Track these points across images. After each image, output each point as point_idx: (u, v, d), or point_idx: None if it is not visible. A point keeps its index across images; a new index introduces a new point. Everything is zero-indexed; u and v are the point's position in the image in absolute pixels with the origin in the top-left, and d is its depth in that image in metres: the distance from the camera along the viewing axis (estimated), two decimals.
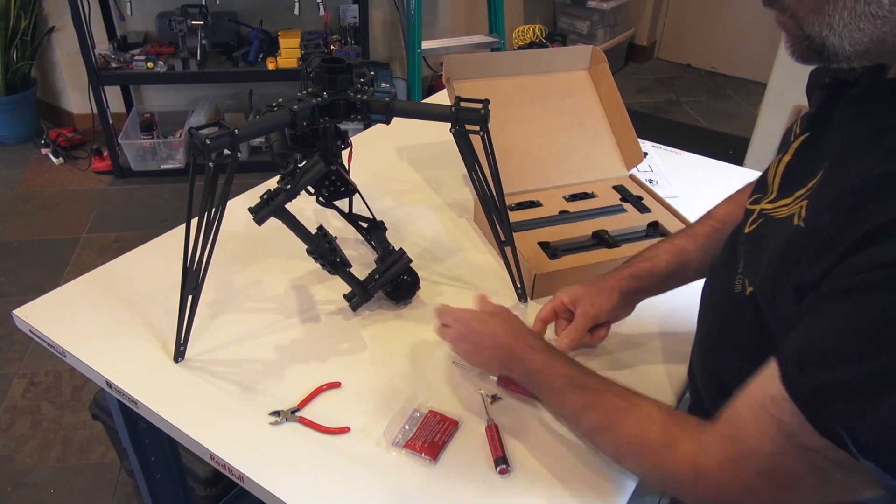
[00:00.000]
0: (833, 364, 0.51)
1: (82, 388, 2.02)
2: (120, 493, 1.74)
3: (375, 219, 1.11)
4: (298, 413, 0.85)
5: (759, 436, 0.57)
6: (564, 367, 0.79)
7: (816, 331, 0.53)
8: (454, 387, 0.91)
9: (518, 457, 0.81)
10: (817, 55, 0.57)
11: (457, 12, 3.59)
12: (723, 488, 0.62)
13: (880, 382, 0.48)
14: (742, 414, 0.60)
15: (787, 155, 0.70)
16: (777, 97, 2.41)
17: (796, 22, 0.56)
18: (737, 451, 0.60)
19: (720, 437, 0.62)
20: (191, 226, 0.83)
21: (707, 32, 4.29)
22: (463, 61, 1.30)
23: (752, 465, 0.58)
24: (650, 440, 0.68)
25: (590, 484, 0.79)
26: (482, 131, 0.88)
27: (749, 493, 0.60)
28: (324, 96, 0.90)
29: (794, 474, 0.56)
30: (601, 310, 0.92)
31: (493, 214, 1.00)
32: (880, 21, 0.52)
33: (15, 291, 2.37)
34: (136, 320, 1.00)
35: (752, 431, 0.58)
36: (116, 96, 3.11)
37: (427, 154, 1.48)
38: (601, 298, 0.92)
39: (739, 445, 0.60)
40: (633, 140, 1.31)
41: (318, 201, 1.08)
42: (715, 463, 0.62)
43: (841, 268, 0.52)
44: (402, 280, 1.02)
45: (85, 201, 2.90)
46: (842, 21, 0.53)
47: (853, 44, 0.54)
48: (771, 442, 0.56)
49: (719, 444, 0.62)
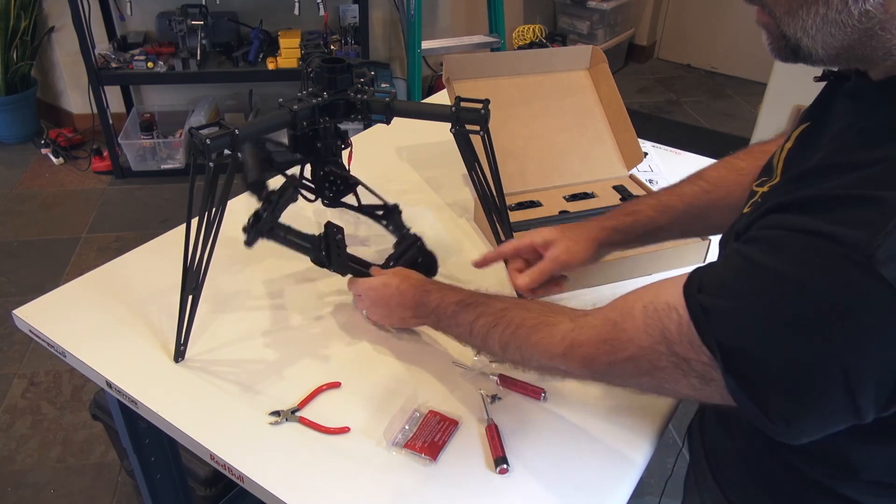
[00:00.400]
0: (722, 293, 0.57)
1: (82, 388, 2.01)
2: (120, 493, 1.74)
3: (388, 203, 1.11)
4: (298, 413, 0.85)
5: (640, 330, 0.62)
6: (455, 294, 0.85)
7: (722, 262, 0.59)
8: (454, 387, 0.91)
9: (518, 457, 0.81)
10: (793, 54, 0.60)
11: (457, 12, 3.59)
12: (590, 363, 0.68)
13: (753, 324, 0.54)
14: (633, 307, 0.64)
15: (789, 142, 0.71)
16: (777, 97, 2.41)
17: (774, 21, 0.59)
18: (614, 335, 0.65)
19: (602, 320, 0.67)
20: (191, 226, 0.83)
21: (707, 32, 4.29)
22: (463, 61, 1.30)
23: (624, 350, 0.64)
24: (528, 322, 0.74)
25: (589, 484, 0.79)
26: (482, 131, 0.88)
27: (613, 370, 0.66)
28: (324, 96, 0.90)
29: (659, 368, 0.61)
30: (575, 259, 0.91)
31: (493, 214, 1.00)
32: (850, 29, 0.54)
33: (15, 291, 2.37)
34: (136, 320, 1.00)
35: (636, 325, 0.63)
36: (116, 96, 3.11)
37: (427, 154, 1.48)
38: (579, 247, 0.91)
39: (618, 332, 0.65)
40: (633, 140, 1.31)
41: (323, 203, 1.08)
42: (589, 339, 0.67)
43: (764, 220, 0.57)
44: (418, 263, 1.03)
45: (85, 201, 2.90)
46: (814, 25, 0.56)
47: (825, 48, 0.57)
48: (649, 339, 0.61)
49: (599, 325, 0.67)
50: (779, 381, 0.54)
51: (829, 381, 0.52)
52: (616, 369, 0.65)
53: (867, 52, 0.56)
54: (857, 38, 0.55)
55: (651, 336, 0.61)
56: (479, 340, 0.81)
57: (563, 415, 0.87)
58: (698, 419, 0.88)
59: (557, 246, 0.91)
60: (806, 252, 0.52)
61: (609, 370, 0.66)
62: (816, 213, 0.53)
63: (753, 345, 0.54)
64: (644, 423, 0.86)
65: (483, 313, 0.80)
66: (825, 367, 0.52)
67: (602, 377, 0.69)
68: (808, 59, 0.59)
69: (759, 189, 0.72)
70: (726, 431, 0.78)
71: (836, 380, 0.51)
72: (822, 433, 0.57)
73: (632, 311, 0.64)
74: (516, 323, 0.76)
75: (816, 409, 0.54)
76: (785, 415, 0.55)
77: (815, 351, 0.52)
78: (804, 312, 0.51)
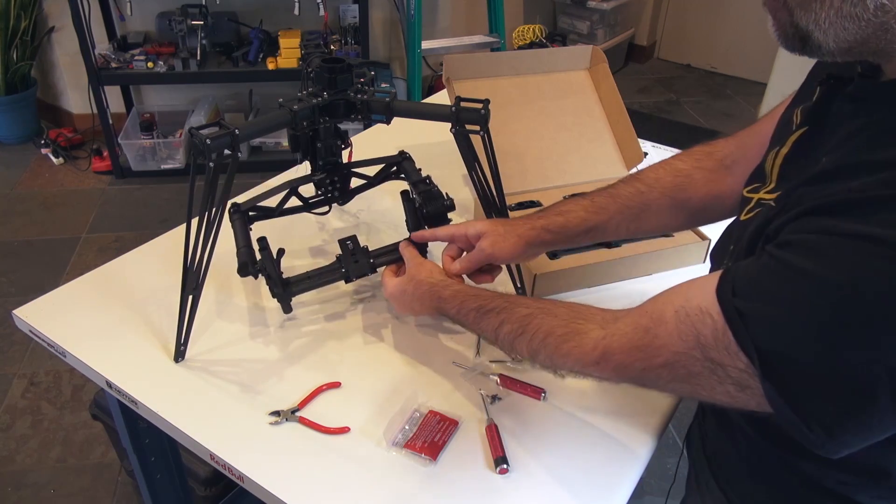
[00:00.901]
0: (759, 297, 0.56)
1: (82, 388, 2.01)
2: (120, 493, 1.74)
3: (393, 157, 1.11)
4: (298, 413, 0.85)
5: (673, 336, 0.61)
6: (472, 300, 0.84)
7: (756, 265, 0.58)
8: (454, 387, 0.91)
9: (518, 457, 0.81)
10: (801, 43, 0.59)
11: (457, 12, 3.59)
12: (624, 370, 0.66)
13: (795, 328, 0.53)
14: (665, 312, 0.62)
15: (784, 147, 0.70)
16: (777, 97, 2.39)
17: (787, 10, 0.58)
18: (646, 342, 0.63)
19: (633, 327, 0.66)
20: (191, 226, 0.83)
21: (707, 32, 4.29)
22: (463, 61, 1.30)
23: (658, 357, 0.62)
24: (557, 331, 0.73)
25: (589, 484, 0.79)
26: (482, 131, 0.88)
27: (647, 376, 0.65)
28: (324, 96, 0.90)
29: (694, 374, 0.60)
30: (501, 253, 0.91)
31: (493, 214, 1.00)
32: (864, 23, 0.53)
33: (15, 291, 2.37)
34: (136, 320, 0.99)
35: (669, 330, 0.61)
36: (116, 96, 3.11)
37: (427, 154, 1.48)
38: (506, 243, 0.91)
39: (651, 338, 0.63)
40: (633, 140, 1.31)
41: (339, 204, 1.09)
42: (621, 347, 0.66)
43: (796, 224, 0.56)
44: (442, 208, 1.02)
45: (85, 201, 2.90)
46: (828, 19, 0.55)
47: (837, 41, 0.56)
48: (683, 344, 0.60)
49: (630, 332, 0.65)
50: (820, 387, 0.52)
51: (875, 385, 0.50)
52: (650, 375, 0.64)
53: (882, 46, 0.55)
54: (872, 32, 0.54)
55: (685, 342, 0.60)
56: (506, 346, 0.80)
57: (563, 415, 0.87)
58: (697, 425, 0.88)
59: (486, 238, 0.91)
60: (846, 254, 0.51)
61: (643, 376, 0.65)
62: (852, 216, 0.52)
63: (793, 349, 0.53)
64: (644, 423, 0.86)
65: (506, 320, 0.78)
66: (870, 370, 0.50)
67: (637, 382, 0.67)
68: (815, 51, 0.58)
69: (754, 195, 0.72)
70: (729, 438, 0.78)
71: (882, 384, 0.50)
72: (863, 444, 0.55)
73: (663, 317, 0.62)
74: (545, 331, 0.74)
75: (861, 416, 0.52)
76: (826, 424, 0.53)
77: (859, 354, 0.50)
78: (847, 315, 0.50)
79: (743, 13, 4.09)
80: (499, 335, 0.79)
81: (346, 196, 1.09)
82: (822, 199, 0.55)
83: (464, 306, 0.84)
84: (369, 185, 1.12)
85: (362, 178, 1.12)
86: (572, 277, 1.08)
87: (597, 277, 1.10)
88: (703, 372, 0.59)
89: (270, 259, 0.93)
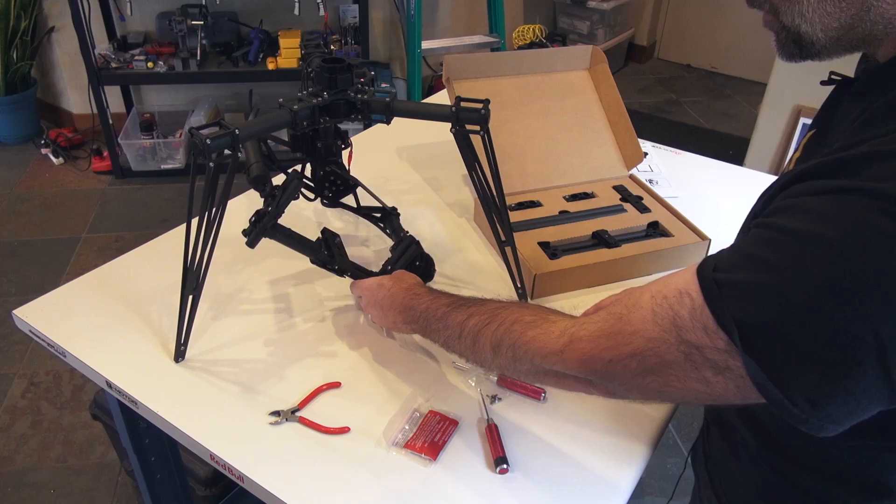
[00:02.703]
0: (740, 265, 0.53)
1: (82, 388, 2.01)
2: (120, 493, 1.74)
3: (386, 206, 1.11)
4: (298, 413, 0.85)
5: (648, 320, 0.57)
6: (448, 297, 0.82)
7: (739, 241, 0.56)
8: (454, 387, 0.91)
9: (518, 457, 0.81)
10: (797, 47, 0.60)
11: (457, 12, 3.59)
12: (589, 360, 0.61)
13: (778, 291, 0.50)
14: (641, 297, 0.59)
15: (797, 152, 0.71)
16: (777, 97, 2.41)
17: (775, 16, 0.59)
18: (617, 328, 0.59)
19: (605, 314, 0.62)
20: (191, 226, 0.83)
21: (707, 32, 4.29)
22: (463, 61, 1.30)
23: (628, 345, 0.58)
24: (525, 318, 0.69)
25: (589, 484, 0.79)
26: (482, 131, 0.88)
27: (614, 369, 0.60)
28: (324, 96, 0.90)
29: (667, 363, 0.56)
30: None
31: (493, 214, 1.00)
32: (845, 4, 0.55)
33: (15, 291, 2.37)
34: (136, 320, 0.99)
35: (643, 315, 0.58)
36: (116, 96, 3.11)
37: (427, 154, 1.48)
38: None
39: (623, 323, 0.59)
40: (633, 140, 1.31)
41: (322, 203, 1.08)
42: (589, 334, 0.62)
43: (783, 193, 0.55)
44: (416, 266, 1.03)
45: (85, 201, 2.90)
46: (810, 7, 0.56)
47: (825, 30, 0.57)
48: (657, 328, 0.56)
49: (601, 320, 0.62)
50: (803, 356, 0.49)
51: (861, 350, 0.47)
52: (617, 367, 0.59)
53: (868, 29, 0.55)
54: (855, 14, 0.54)
55: (660, 325, 0.56)
56: (468, 342, 0.75)
57: (562, 415, 0.87)
58: (701, 442, 0.88)
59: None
60: (834, 209, 0.48)
61: (609, 369, 0.60)
62: (842, 173, 0.49)
63: (774, 316, 0.49)
64: (644, 423, 0.86)
65: (476, 312, 0.75)
66: (855, 334, 0.47)
67: (601, 378, 0.62)
68: (811, 49, 0.59)
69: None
70: (732, 452, 0.77)
71: (868, 349, 0.47)
72: (851, 420, 0.52)
73: (638, 302, 0.59)
74: (512, 319, 0.71)
75: (845, 385, 0.49)
76: (810, 395, 0.50)
77: (844, 317, 0.47)
78: (833, 273, 0.47)
79: (743, 13, 4.08)
80: (464, 328, 0.76)
81: (335, 202, 1.09)
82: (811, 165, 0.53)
83: (436, 301, 0.82)
84: (356, 209, 1.13)
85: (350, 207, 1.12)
86: (572, 277, 1.08)
87: (597, 277, 1.10)
88: (678, 359, 0.55)
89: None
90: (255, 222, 0.90)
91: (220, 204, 0.81)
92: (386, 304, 0.89)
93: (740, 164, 2.07)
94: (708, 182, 1.43)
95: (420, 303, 0.84)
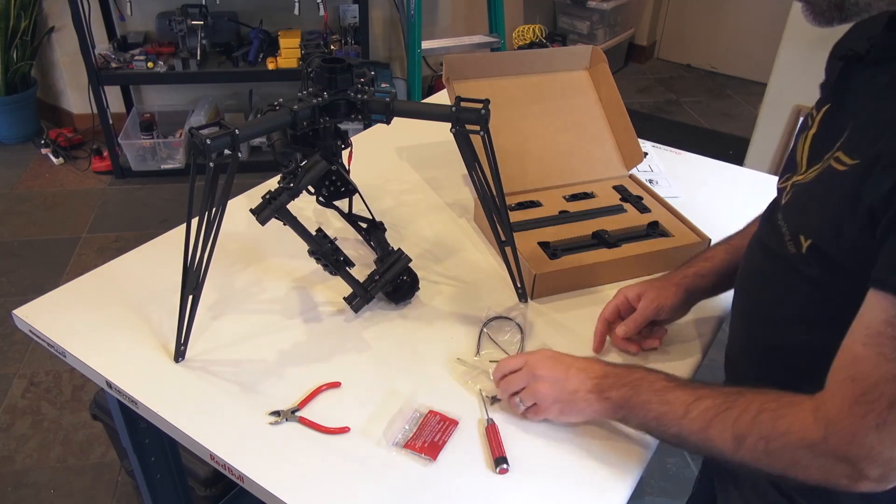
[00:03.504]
0: None
1: (82, 388, 2.02)
2: (120, 493, 1.74)
3: (375, 219, 1.11)
4: (298, 413, 0.85)
5: (880, 363, 0.55)
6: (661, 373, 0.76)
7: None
8: (454, 387, 0.91)
9: (518, 457, 0.81)
10: (838, 9, 0.59)
11: (457, 12, 3.59)
12: (856, 435, 0.57)
13: None
14: (856, 352, 0.57)
15: (812, 128, 0.71)
16: (777, 97, 2.41)
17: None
18: (861, 390, 0.56)
19: (838, 384, 0.59)
20: (191, 226, 0.83)
21: (707, 32, 4.29)
22: (463, 61, 1.30)
23: (882, 398, 0.55)
24: (769, 405, 0.64)
25: (589, 484, 0.79)
26: (482, 131, 0.88)
27: (885, 431, 0.56)
28: (324, 96, 0.90)
29: None
30: (666, 303, 0.92)
31: (493, 214, 1.00)
32: None
33: (15, 291, 2.37)
34: (136, 320, 1.00)
35: (873, 362, 0.55)
36: (116, 96, 3.11)
37: (427, 154, 1.48)
38: (667, 293, 0.93)
39: (862, 382, 0.56)
40: (633, 140, 1.31)
41: (318, 201, 1.08)
42: (840, 409, 0.58)
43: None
44: (401, 281, 1.02)
45: (85, 201, 2.90)
46: None
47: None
48: (894, 363, 0.54)
49: (840, 390, 0.58)
50: None
51: None
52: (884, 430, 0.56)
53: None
54: None
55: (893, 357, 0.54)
56: (695, 426, 0.68)
57: None
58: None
59: (648, 295, 0.93)
60: None
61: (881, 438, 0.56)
62: None
63: None
64: None
65: (706, 395, 0.68)
66: None
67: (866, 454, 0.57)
68: (853, 9, 0.59)
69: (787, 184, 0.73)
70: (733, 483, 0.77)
71: None
72: None
73: (857, 357, 0.57)
74: (756, 407, 0.64)
75: None
76: None
77: None
78: None
79: (743, 13, 4.09)
80: (691, 410, 0.69)
81: (329, 203, 1.09)
82: None
83: (650, 376, 0.75)
84: (346, 215, 1.12)
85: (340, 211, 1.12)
86: (572, 277, 1.08)
87: (597, 277, 1.10)
88: None
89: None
90: (270, 199, 0.89)
91: (220, 204, 0.81)
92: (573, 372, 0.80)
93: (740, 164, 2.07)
94: (708, 182, 1.43)
95: (632, 375, 0.77)
